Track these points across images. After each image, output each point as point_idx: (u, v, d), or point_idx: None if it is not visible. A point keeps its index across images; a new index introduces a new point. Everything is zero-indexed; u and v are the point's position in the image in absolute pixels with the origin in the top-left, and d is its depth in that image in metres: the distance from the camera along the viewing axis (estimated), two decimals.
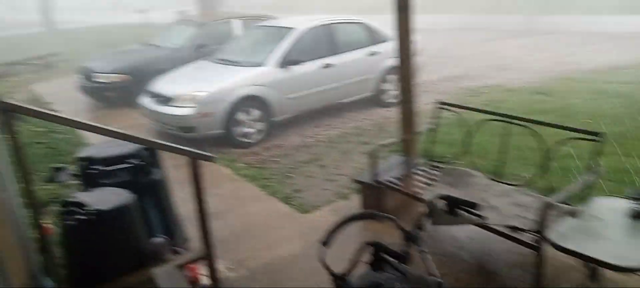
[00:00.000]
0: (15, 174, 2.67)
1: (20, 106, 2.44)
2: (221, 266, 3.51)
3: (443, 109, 4.21)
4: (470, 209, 1.97)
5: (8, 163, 2.83)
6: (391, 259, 1.82)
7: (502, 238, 3.07)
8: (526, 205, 3.26)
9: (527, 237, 2.92)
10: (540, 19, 17.19)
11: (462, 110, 4.16)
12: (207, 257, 3.16)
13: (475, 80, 9.47)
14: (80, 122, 2.66)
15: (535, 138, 3.61)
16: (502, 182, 3.68)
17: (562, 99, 7.49)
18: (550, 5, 17.50)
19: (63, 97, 9.79)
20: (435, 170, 4.05)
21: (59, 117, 2.69)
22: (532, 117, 3.71)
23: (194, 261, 3.18)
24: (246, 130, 6.39)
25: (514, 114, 3.75)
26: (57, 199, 4.16)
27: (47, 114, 2.49)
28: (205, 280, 3.26)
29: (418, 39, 4.48)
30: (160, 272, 2.85)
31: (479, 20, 18.56)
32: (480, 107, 4.24)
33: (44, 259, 2.84)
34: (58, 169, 3.43)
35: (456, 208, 1.97)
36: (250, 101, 6.38)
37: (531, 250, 2.87)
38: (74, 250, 2.87)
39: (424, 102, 7.74)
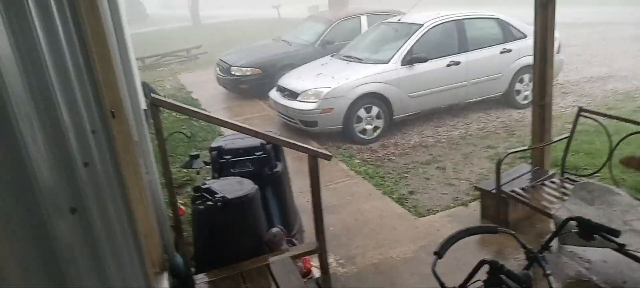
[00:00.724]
0: (158, 158, 3.00)
1: (164, 101, 2.75)
2: (332, 260, 3.58)
3: (584, 116, 3.77)
4: (609, 235, 1.75)
5: (153, 149, 3.19)
6: (510, 281, 1.69)
7: None
8: None
9: None
10: None
11: (607, 118, 3.69)
12: (320, 251, 3.25)
13: (626, 82, 8.36)
14: (212, 117, 2.90)
15: None
16: None
17: None
18: None
19: (202, 86, 10.75)
20: (568, 183, 3.67)
21: (195, 111, 2.96)
22: None
23: (307, 254, 3.29)
24: (365, 126, 6.42)
25: None
26: (191, 183, 4.59)
27: (185, 108, 2.76)
28: (316, 272, 3.36)
29: (557, 35, 4.08)
30: (275, 261, 2.99)
31: (631, 13, 16.26)
32: (630, 116, 3.73)
33: (176, 236, 3.16)
34: (193, 157, 3.78)
35: (592, 233, 1.77)
36: (371, 98, 6.39)
37: None
38: (202, 232, 3.14)
39: (562, 105, 7.13)
